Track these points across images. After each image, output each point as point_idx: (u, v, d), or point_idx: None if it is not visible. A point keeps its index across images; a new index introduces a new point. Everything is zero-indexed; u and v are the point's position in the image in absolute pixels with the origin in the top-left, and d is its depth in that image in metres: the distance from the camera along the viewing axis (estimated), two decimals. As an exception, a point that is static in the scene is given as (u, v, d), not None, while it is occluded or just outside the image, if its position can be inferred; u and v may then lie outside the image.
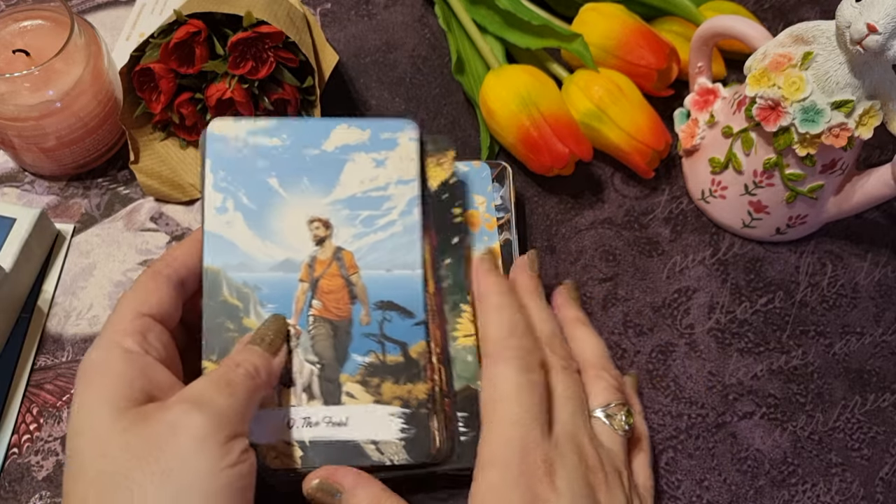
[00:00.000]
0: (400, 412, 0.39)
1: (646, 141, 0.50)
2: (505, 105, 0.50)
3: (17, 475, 0.43)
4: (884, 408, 0.47)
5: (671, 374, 0.47)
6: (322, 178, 0.41)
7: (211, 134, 0.41)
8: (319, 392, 0.39)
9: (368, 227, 0.41)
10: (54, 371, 0.46)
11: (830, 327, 0.49)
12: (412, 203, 0.41)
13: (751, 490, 0.44)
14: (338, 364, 0.39)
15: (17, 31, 0.50)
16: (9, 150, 0.52)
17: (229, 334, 0.39)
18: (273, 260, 0.40)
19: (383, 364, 0.39)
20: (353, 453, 0.38)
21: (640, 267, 0.51)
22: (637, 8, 0.55)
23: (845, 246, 0.52)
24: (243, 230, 0.40)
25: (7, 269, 0.46)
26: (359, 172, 0.42)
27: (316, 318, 0.40)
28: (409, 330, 0.40)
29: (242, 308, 0.39)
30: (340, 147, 0.42)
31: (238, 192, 0.41)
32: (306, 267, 0.40)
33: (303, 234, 0.41)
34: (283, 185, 0.41)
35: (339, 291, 0.40)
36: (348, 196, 0.41)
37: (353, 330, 0.40)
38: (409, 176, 0.42)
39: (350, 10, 0.61)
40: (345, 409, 0.38)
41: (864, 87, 0.43)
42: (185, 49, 0.48)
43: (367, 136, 0.42)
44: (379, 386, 0.39)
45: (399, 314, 0.40)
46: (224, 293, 0.39)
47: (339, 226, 0.41)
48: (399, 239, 0.41)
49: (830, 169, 0.47)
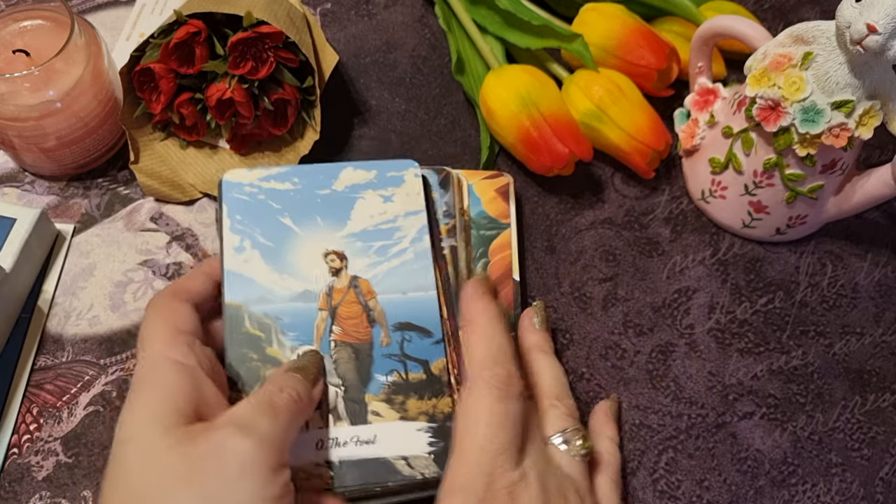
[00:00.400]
0: (427, 427, 0.40)
1: (646, 141, 0.50)
2: (505, 105, 0.50)
3: (17, 475, 0.43)
4: (884, 408, 0.47)
5: (671, 374, 0.47)
6: (334, 215, 0.44)
7: (226, 182, 0.44)
8: (346, 413, 0.40)
9: (382, 255, 0.43)
10: (54, 371, 0.46)
11: (830, 327, 0.49)
12: (422, 231, 0.44)
13: (751, 490, 0.44)
14: (362, 385, 0.40)
15: (18, 31, 0.50)
16: (9, 151, 0.52)
17: (253, 364, 0.40)
18: (292, 292, 0.42)
19: (406, 382, 0.41)
20: (383, 469, 0.39)
21: (640, 267, 0.51)
22: (637, 8, 0.55)
23: (845, 246, 0.52)
24: (261, 266, 0.42)
25: (7, 269, 0.46)
26: (369, 208, 0.44)
27: (337, 342, 0.41)
28: (428, 348, 0.42)
29: (265, 338, 0.41)
30: (350, 187, 0.45)
31: (254, 232, 0.43)
32: (324, 296, 0.42)
33: (319, 267, 0.43)
34: (298, 224, 0.44)
35: (357, 317, 0.42)
36: (360, 230, 0.44)
37: (375, 352, 0.41)
38: (416, 208, 0.45)
39: (350, 10, 0.61)
40: (372, 427, 0.39)
41: (864, 87, 0.43)
42: (185, 49, 0.48)
43: (373, 176, 0.45)
44: (404, 403, 0.40)
45: (418, 334, 0.42)
46: (246, 326, 0.41)
47: (354, 257, 0.43)
48: (412, 265, 0.43)
49: (830, 169, 0.47)
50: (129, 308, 0.48)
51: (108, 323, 0.48)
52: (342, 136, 0.55)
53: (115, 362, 0.47)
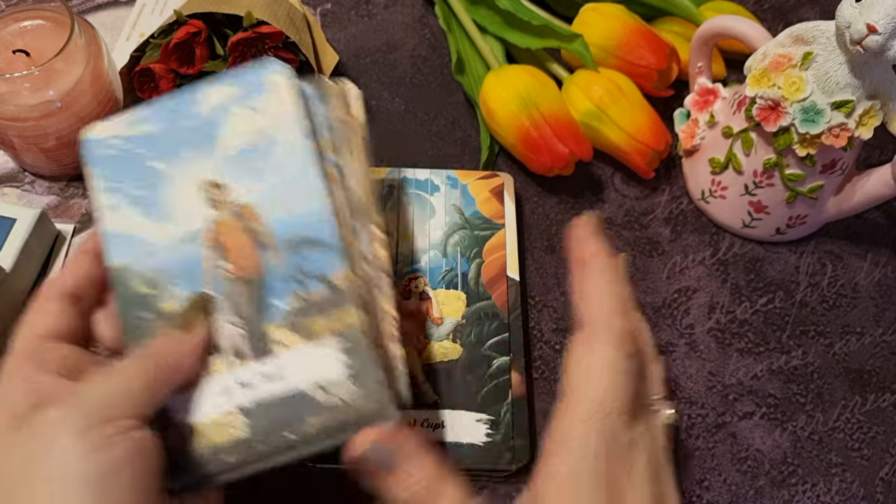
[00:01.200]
0: (338, 345, 0.36)
1: (646, 141, 0.50)
2: (505, 105, 0.50)
3: (17, 475, 0.43)
4: (884, 408, 0.47)
5: (671, 374, 0.47)
6: (203, 144, 0.40)
7: (90, 140, 0.40)
8: (249, 350, 0.36)
9: (261, 174, 0.39)
10: (54, 371, 0.46)
11: (830, 327, 0.49)
12: (299, 136, 0.39)
13: (751, 490, 0.44)
14: (262, 316, 0.37)
15: (18, 31, 0.50)
16: (9, 151, 0.52)
17: (150, 324, 0.37)
18: (174, 238, 0.38)
19: (308, 302, 0.37)
20: (300, 404, 0.35)
21: (640, 267, 0.51)
22: (637, 8, 0.55)
23: (845, 246, 0.52)
24: (139, 219, 0.39)
25: (7, 269, 0.46)
26: (238, 126, 0.40)
27: (229, 279, 0.38)
28: (328, 261, 0.37)
29: (157, 294, 0.37)
30: (213, 108, 0.40)
31: (126, 186, 0.39)
32: (207, 233, 0.38)
33: (197, 203, 0.39)
34: (167, 164, 0.39)
35: (245, 246, 0.38)
36: (234, 151, 0.39)
37: (269, 277, 0.37)
38: (289, 113, 0.39)
39: (350, 10, 0.61)
40: (278, 359, 0.36)
41: (864, 87, 0.43)
42: (186, 49, 0.48)
43: (236, 89, 0.40)
44: (308, 325, 0.36)
45: (313, 248, 0.38)
46: (134, 286, 0.38)
47: (232, 182, 0.39)
48: (295, 176, 0.39)
49: (830, 169, 0.47)
50: (129, 308, 0.48)
51: (108, 323, 0.48)
52: (342, 136, 0.55)
53: (115, 362, 0.47)
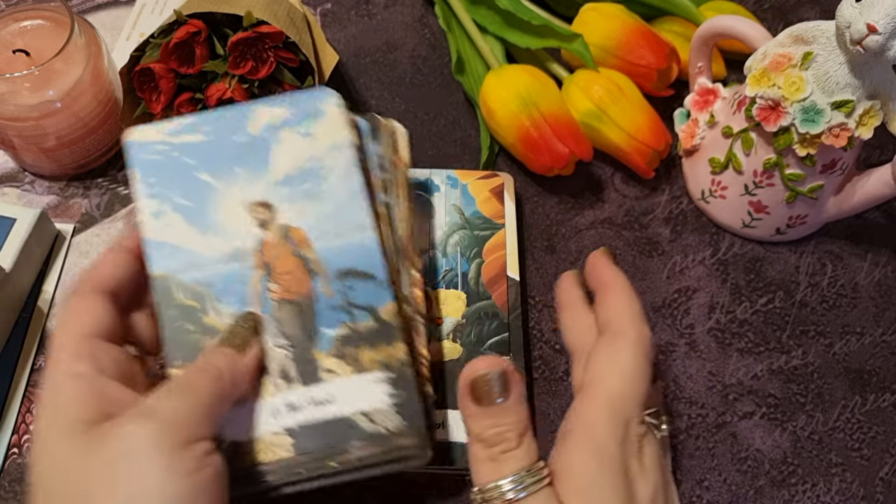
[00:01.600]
0: (384, 377, 0.37)
1: (646, 141, 0.50)
2: (505, 105, 0.50)
3: (16, 475, 0.43)
4: (884, 408, 0.47)
5: (671, 374, 0.47)
6: (253, 162, 0.40)
7: (132, 144, 0.40)
8: (297, 374, 0.37)
9: (311, 199, 0.40)
10: (54, 371, 0.46)
11: (830, 327, 0.49)
12: (350, 166, 0.40)
13: (751, 490, 0.44)
14: (310, 342, 0.38)
15: (18, 31, 0.50)
16: (9, 150, 0.52)
17: (191, 336, 0.37)
18: (221, 253, 0.39)
19: (356, 332, 0.38)
20: (345, 429, 0.36)
21: (640, 267, 0.51)
22: (637, 8, 0.55)
23: (845, 246, 0.52)
24: (185, 229, 0.39)
25: (7, 269, 0.46)
26: (288, 149, 0.40)
27: (278, 301, 0.38)
28: (374, 293, 0.38)
29: (200, 307, 0.38)
30: (265, 127, 0.41)
31: (171, 193, 0.39)
32: (256, 253, 0.39)
33: (245, 222, 0.39)
34: (216, 178, 0.40)
35: (295, 270, 0.39)
36: (283, 174, 0.40)
37: (318, 305, 0.38)
38: (340, 140, 0.41)
39: (350, 10, 0.61)
40: (326, 386, 0.37)
41: (864, 87, 0.43)
42: (186, 49, 0.48)
43: (287, 112, 0.41)
44: (356, 355, 0.37)
45: (361, 279, 0.39)
46: (177, 297, 0.38)
47: (281, 205, 0.39)
48: (345, 205, 0.39)
49: (830, 169, 0.47)
50: (129, 308, 0.48)
51: (108, 323, 0.48)
52: (342, 136, 0.55)
53: (115, 362, 0.47)
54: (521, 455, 0.34)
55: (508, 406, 0.35)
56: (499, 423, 0.34)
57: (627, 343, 0.36)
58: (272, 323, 0.38)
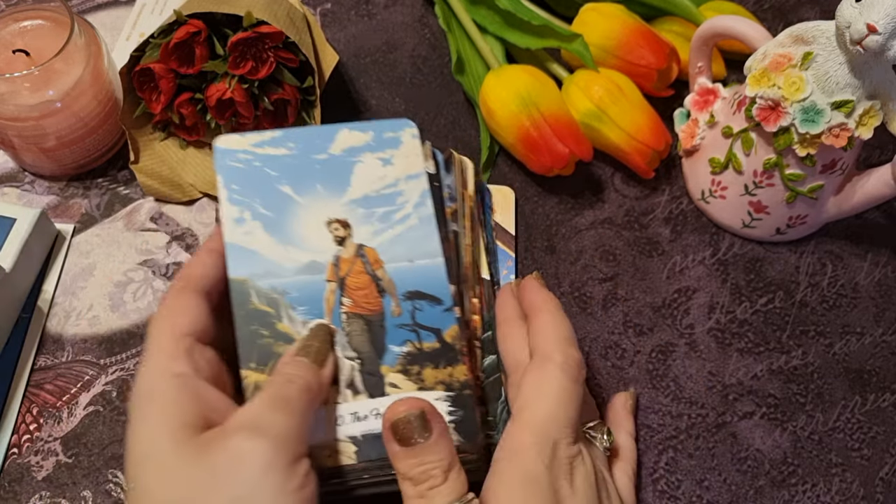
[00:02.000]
0: (445, 395, 0.39)
1: (646, 141, 0.50)
2: (505, 105, 0.50)
3: (16, 475, 0.43)
4: (884, 408, 0.47)
5: (671, 374, 0.47)
6: (334, 181, 0.43)
7: (219, 150, 0.42)
8: (363, 386, 0.39)
9: (386, 222, 0.42)
10: (54, 371, 0.46)
11: (830, 327, 0.49)
12: (424, 196, 0.43)
13: (751, 490, 0.44)
14: (377, 356, 0.40)
15: (18, 31, 0.50)
16: (9, 150, 0.52)
17: (265, 341, 0.39)
18: (298, 264, 0.41)
19: (421, 351, 0.40)
20: None
21: (640, 267, 0.51)
22: (637, 8, 0.55)
23: (845, 246, 0.52)
24: (264, 238, 0.41)
25: (7, 269, 0.46)
26: (368, 172, 0.43)
27: (348, 314, 0.40)
28: (440, 316, 0.41)
29: (274, 313, 0.39)
30: (347, 150, 0.43)
31: (254, 202, 0.42)
32: (332, 267, 0.41)
33: (323, 236, 0.42)
34: (297, 191, 0.42)
35: (367, 287, 0.41)
36: (362, 196, 0.42)
37: (387, 322, 0.40)
38: (416, 170, 0.43)
39: (350, 10, 0.61)
40: (391, 399, 0.38)
41: (864, 87, 0.43)
42: (185, 49, 0.48)
43: (370, 138, 0.44)
44: (420, 373, 0.39)
45: (428, 302, 0.41)
46: (254, 301, 0.40)
47: (358, 224, 0.42)
48: (417, 231, 0.42)
49: (830, 169, 0.47)
50: (129, 308, 0.48)
51: (108, 323, 0.48)
52: (342, 136, 0.55)
53: (115, 362, 0.47)
54: (447, 490, 0.35)
55: (430, 445, 0.35)
56: (423, 462, 0.35)
57: (554, 367, 0.37)
58: (342, 335, 0.40)
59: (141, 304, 0.49)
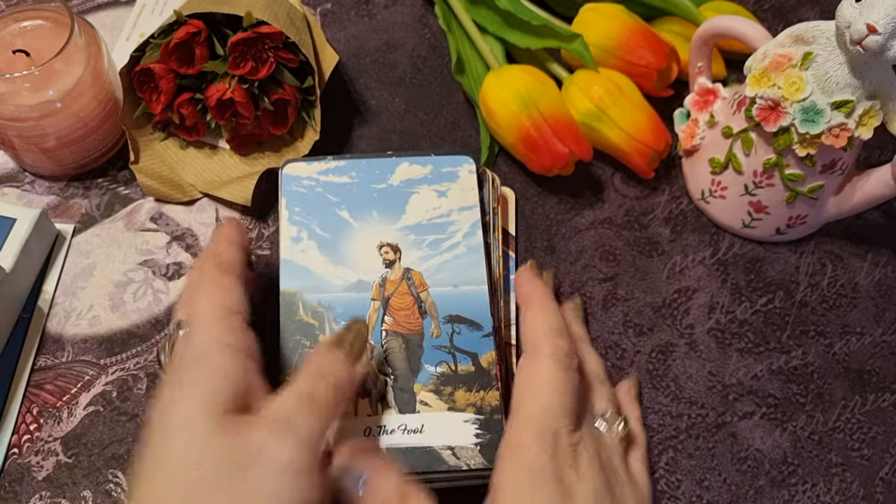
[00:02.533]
0: (474, 418, 0.40)
1: (646, 141, 0.50)
2: (505, 105, 0.50)
3: (17, 475, 0.43)
4: (884, 408, 0.47)
5: (671, 374, 0.47)
6: (389, 209, 0.46)
7: (285, 175, 0.47)
8: (395, 401, 0.41)
9: (435, 249, 0.45)
10: (54, 371, 0.46)
11: (830, 327, 0.49)
12: (475, 226, 0.46)
13: (751, 490, 0.44)
14: (411, 374, 0.41)
15: (18, 31, 0.50)
16: (9, 151, 0.52)
17: (306, 351, 0.41)
18: (346, 282, 0.44)
19: (455, 374, 0.42)
20: (429, 459, 0.39)
21: (640, 267, 0.51)
22: (637, 8, 0.55)
23: (845, 246, 0.52)
24: (317, 257, 0.44)
25: (7, 269, 0.46)
26: (423, 203, 0.46)
27: (388, 332, 0.43)
28: (478, 341, 0.42)
29: (318, 326, 0.42)
30: (405, 181, 0.47)
31: (312, 224, 0.45)
32: (377, 286, 0.44)
33: (373, 259, 0.44)
34: (354, 217, 0.45)
35: (409, 308, 0.43)
36: (415, 223, 0.45)
37: (425, 342, 0.42)
38: (470, 203, 0.46)
39: (350, 10, 0.61)
40: (420, 416, 0.40)
41: (864, 87, 0.43)
42: (186, 49, 0.48)
43: (428, 171, 0.47)
44: (452, 394, 0.41)
45: (468, 327, 0.43)
46: (300, 313, 0.42)
47: (407, 249, 0.45)
48: (464, 259, 0.45)
49: (830, 169, 0.47)
50: (129, 308, 0.48)
51: (108, 323, 0.48)
52: (342, 136, 0.55)
53: (115, 362, 0.47)
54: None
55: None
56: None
57: (544, 358, 0.38)
58: (380, 350, 0.42)
59: (141, 304, 0.49)
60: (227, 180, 0.52)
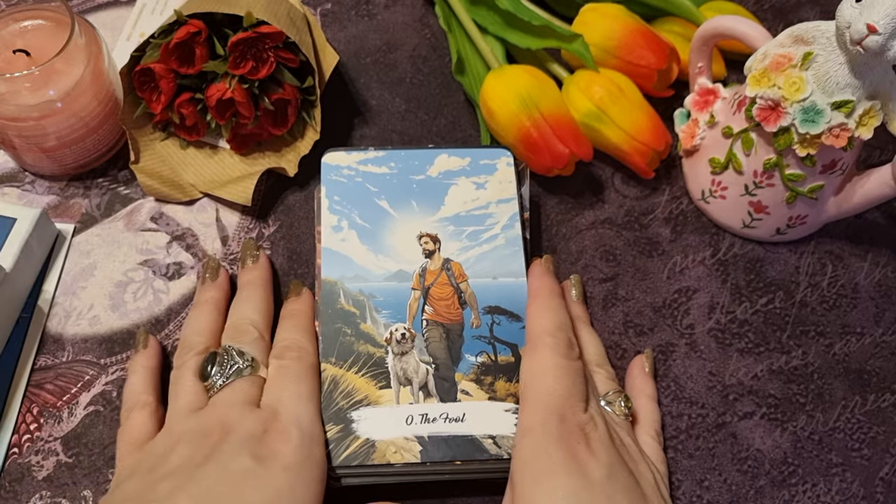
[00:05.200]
0: (514, 408, 0.41)
1: (646, 141, 0.50)
2: (505, 105, 0.50)
3: (17, 475, 0.43)
4: (884, 408, 0.47)
5: (671, 374, 0.47)
6: (428, 200, 0.46)
7: (325, 164, 0.47)
8: (436, 390, 0.41)
9: (474, 240, 0.45)
10: (54, 371, 0.46)
11: (830, 327, 0.49)
12: (513, 219, 0.46)
13: (751, 490, 0.44)
14: (452, 364, 0.42)
15: (18, 31, 0.50)
16: (9, 150, 0.52)
17: (347, 339, 0.42)
18: (386, 271, 0.44)
19: (495, 364, 0.42)
20: (471, 447, 0.40)
21: (640, 267, 0.51)
22: (637, 8, 0.55)
23: (845, 246, 0.52)
24: (358, 246, 0.45)
25: (7, 269, 0.46)
26: (462, 194, 0.47)
27: (429, 321, 0.43)
28: (517, 332, 0.43)
29: (359, 314, 0.43)
30: (444, 173, 0.47)
31: (352, 213, 0.46)
32: (417, 276, 0.44)
33: (413, 249, 0.45)
34: (394, 207, 0.46)
35: (449, 298, 0.44)
36: (454, 214, 0.46)
37: (465, 332, 0.43)
38: (508, 195, 0.47)
39: (350, 10, 0.61)
40: (461, 405, 0.41)
41: (864, 87, 0.43)
42: (186, 49, 0.48)
43: (467, 163, 0.48)
44: (492, 384, 0.42)
45: (507, 318, 0.43)
46: (341, 301, 0.43)
47: (447, 240, 0.45)
48: (503, 250, 0.45)
49: (830, 169, 0.47)
50: (129, 308, 0.48)
51: (109, 323, 0.48)
52: (342, 136, 0.55)
53: (116, 362, 0.47)
54: None
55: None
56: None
57: (545, 348, 0.40)
58: (420, 339, 0.42)
59: (141, 303, 0.49)
60: (228, 180, 0.52)
